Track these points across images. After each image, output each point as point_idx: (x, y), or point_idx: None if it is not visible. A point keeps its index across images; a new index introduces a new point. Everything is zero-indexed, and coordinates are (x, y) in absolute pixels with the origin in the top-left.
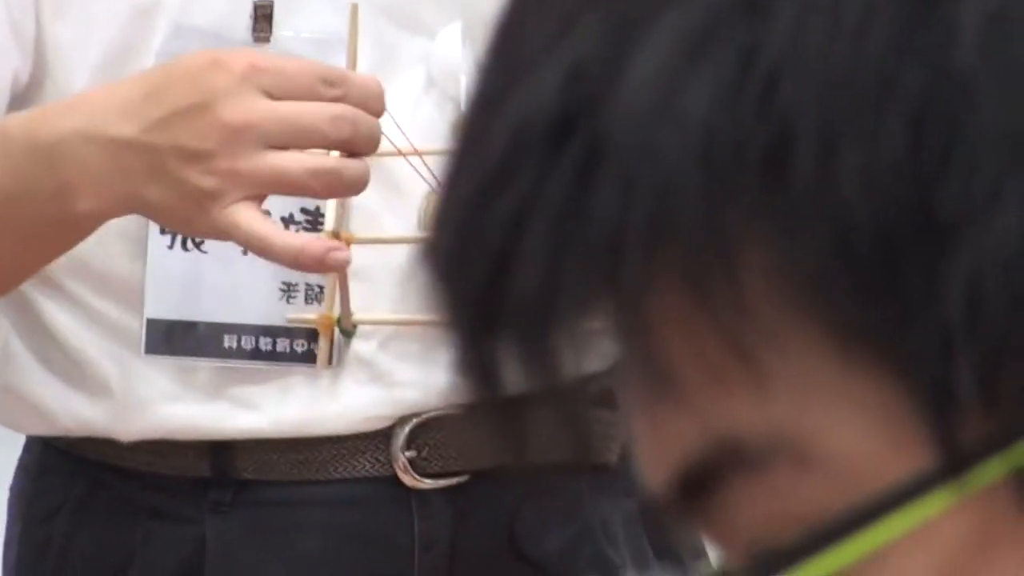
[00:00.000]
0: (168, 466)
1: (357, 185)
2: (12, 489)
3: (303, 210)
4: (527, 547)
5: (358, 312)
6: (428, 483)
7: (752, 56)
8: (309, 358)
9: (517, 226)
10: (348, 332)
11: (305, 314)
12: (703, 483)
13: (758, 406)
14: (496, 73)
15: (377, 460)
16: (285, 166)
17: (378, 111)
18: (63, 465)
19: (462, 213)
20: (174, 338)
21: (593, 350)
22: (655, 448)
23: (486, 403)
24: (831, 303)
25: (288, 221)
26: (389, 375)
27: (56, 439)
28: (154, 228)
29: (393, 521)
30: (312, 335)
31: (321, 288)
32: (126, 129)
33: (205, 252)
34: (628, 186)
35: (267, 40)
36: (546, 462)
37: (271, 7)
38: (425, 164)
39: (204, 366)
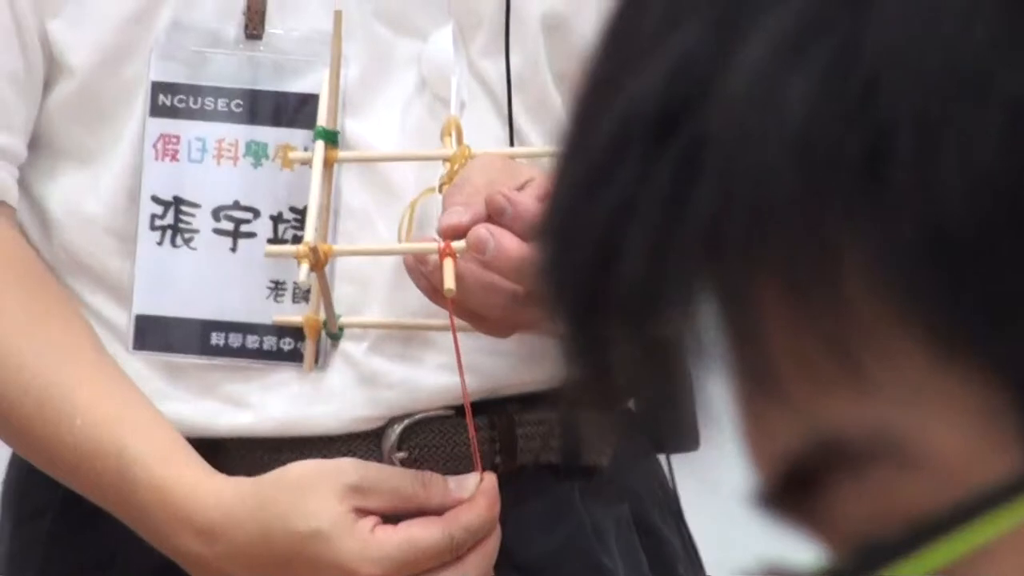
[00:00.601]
0: None
1: None
2: (4, 485)
3: (292, 209)
4: (517, 551)
5: (348, 314)
6: None
7: (853, 51)
8: (296, 356)
9: (622, 215)
10: (335, 335)
11: (291, 316)
12: (806, 480)
13: (859, 405)
14: (606, 63)
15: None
16: None
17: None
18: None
19: (570, 200)
20: (161, 334)
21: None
22: (759, 444)
23: (591, 386)
24: (929, 302)
25: (277, 219)
26: (379, 376)
27: None
28: (144, 224)
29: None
30: (299, 333)
31: (307, 291)
32: None
33: (194, 249)
34: (728, 179)
35: (259, 37)
36: (537, 463)
37: (264, 5)
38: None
39: (192, 363)
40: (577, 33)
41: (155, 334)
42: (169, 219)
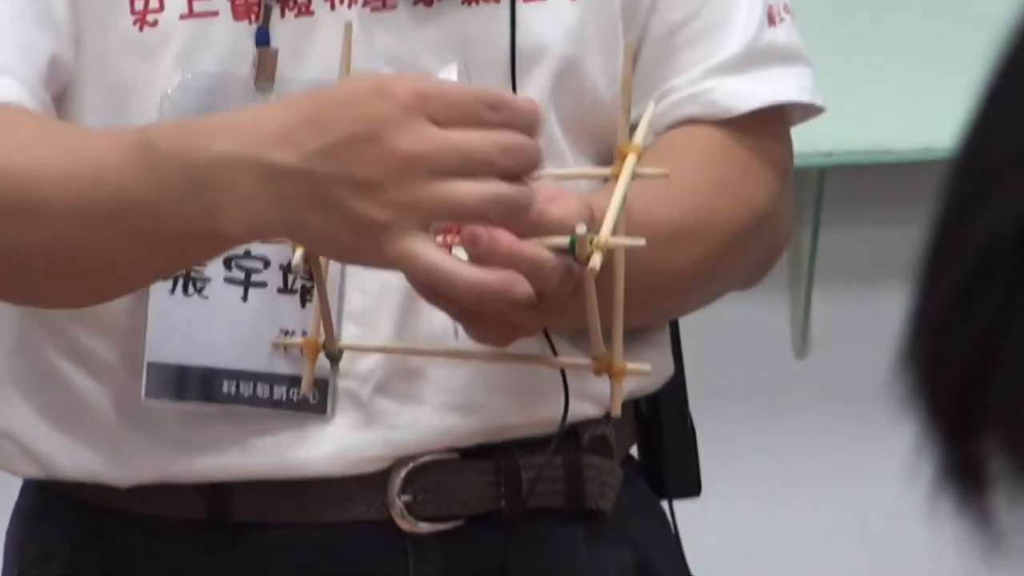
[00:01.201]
0: (165, 509)
1: (528, 211)
2: (8, 532)
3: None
4: None
5: (354, 356)
6: (424, 527)
7: None
8: (307, 406)
9: (995, 332)
10: (334, 356)
11: (291, 339)
12: None
13: None
14: (967, 180)
15: (373, 504)
16: (462, 196)
17: (537, 133)
18: (59, 509)
19: (939, 320)
20: (174, 383)
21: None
22: None
23: (969, 503)
24: None
25: (287, 269)
26: (384, 417)
27: (51, 483)
28: None
29: (388, 565)
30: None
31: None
32: (286, 157)
33: (206, 298)
34: None
35: (271, 86)
36: (542, 507)
37: (275, 62)
38: None
39: (201, 411)
40: (586, 80)
41: (168, 383)
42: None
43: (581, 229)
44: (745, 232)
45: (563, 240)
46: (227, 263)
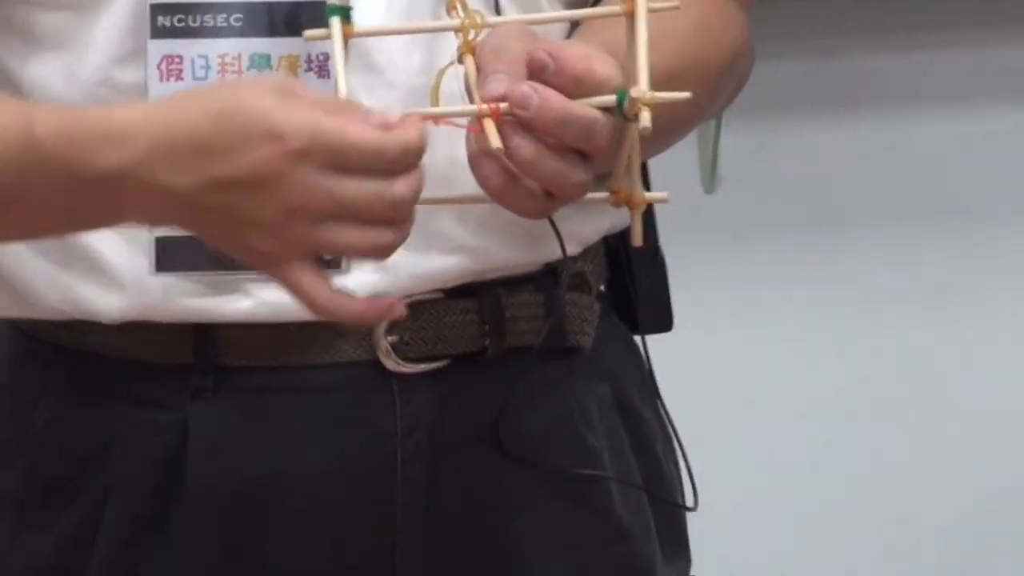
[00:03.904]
0: (149, 352)
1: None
2: None
3: None
4: (508, 432)
5: None
6: (410, 367)
7: None
8: (322, 263)
9: None
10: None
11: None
12: None
13: None
14: None
15: (359, 344)
16: (340, 243)
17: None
18: (39, 353)
19: None
20: (184, 255)
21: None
22: None
23: None
24: None
25: None
26: (369, 261)
27: (31, 326)
28: None
29: (375, 405)
30: None
31: None
32: (178, 181)
33: None
34: None
35: None
36: (523, 345)
37: None
38: None
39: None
40: None
41: (177, 254)
42: None
43: (634, 91)
44: (723, 73)
45: (610, 99)
46: None
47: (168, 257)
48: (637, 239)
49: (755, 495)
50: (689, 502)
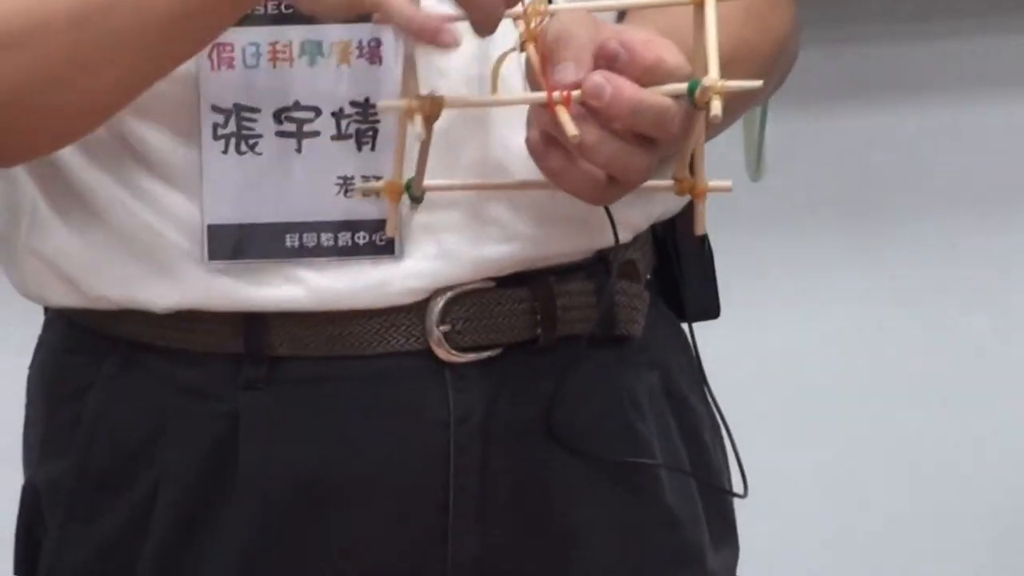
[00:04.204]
0: (200, 342)
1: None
2: (32, 369)
3: (352, 103)
4: (560, 420)
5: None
6: (462, 357)
7: None
8: (371, 250)
9: None
10: (417, 198)
11: (372, 183)
12: None
13: None
14: None
15: (411, 334)
16: None
17: None
18: (91, 343)
19: None
20: (236, 243)
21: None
22: None
23: None
24: None
25: (339, 115)
26: (422, 249)
27: (83, 316)
28: (207, 135)
29: (427, 395)
30: (374, 226)
31: (378, 179)
32: None
33: (259, 154)
34: None
35: None
36: (575, 333)
37: None
38: None
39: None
40: None
41: (229, 242)
42: (232, 127)
43: (706, 80)
44: (771, 60)
45: (681, 87)
46: (277, 116)
47: (220, 245)
48: (701, 227)
49: (800, 482)
50: (737, 489)
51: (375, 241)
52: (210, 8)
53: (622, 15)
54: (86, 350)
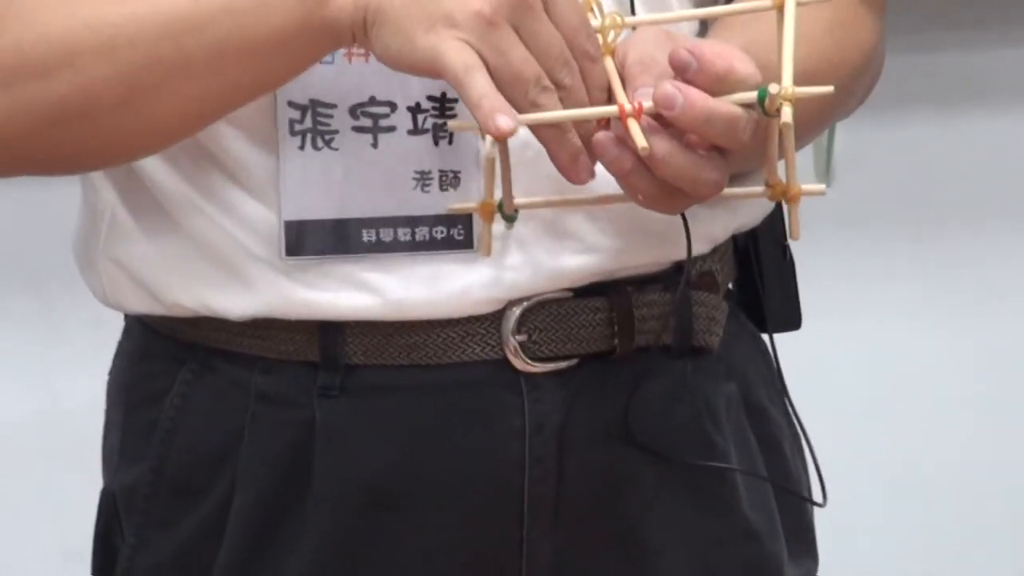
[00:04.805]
0: (277, 350)
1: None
2: (112, 374)
3: (429, 97)
4: (637, 429)
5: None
6: (538, 367)
7: None
8: (449, 244)
9: None
10: (510, 217)
11: (466, 203)
12: None
13: None
14: None
15: (488, 344)
16: (515, 54)
17: (597, 102)
18: (168, 350)
19: None
20: (313, 238)
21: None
22: None
23: None
24: None
25: (415, 110)
26: (499, 259)
27: (160, 323)
28: (284, 130)
29: (504, 404)
30: (451, 220)
31: (455, 174)
32: None
33: (336, 150)
34: None
35: None
36: (653, 344)
37: None
38: None
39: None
40: None
41: (306, 238)
42: (308, 123)
43: (773, 87)
44: (857, 73)
45: (751, 95)
46: (353, 112)
47: (296, 241)
48: (796, 233)
49: (882, 493)
50: (817, 499)
51: (453, 236)
52: (304, 41)
53: (703, 31)
54: (163, 357)
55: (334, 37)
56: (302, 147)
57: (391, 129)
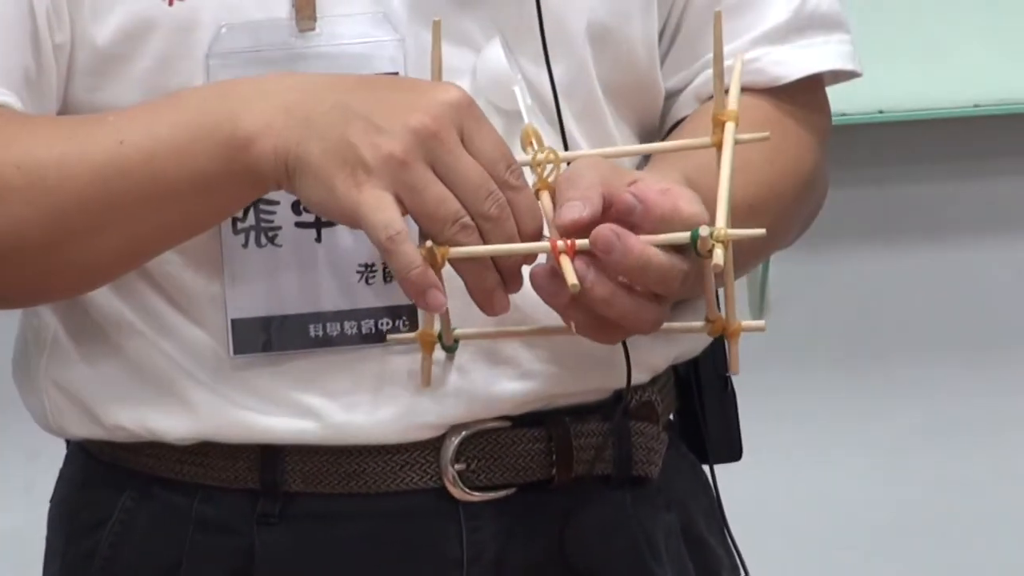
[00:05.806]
0: (217, 477)
1: (478, 261)
2: (53, 502)
3: None
4: (574, 559)
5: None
6: (477, 496)
7: None
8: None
9: None
10: (450, 348)
11: (405, 334)
12: None
13: None
14: None
15: (427, 472)
16: (433, 193)
17: (529, 232)
18: (109, 477)
19: None
20: (260, 336)
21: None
22: None
23: None
24: None
25: None
26: (437, 384)
27: (102, 449)
28: (227, 229)
29: (441, 533)
30: (396, 312)
31: None
32: (327, 96)
33: (279, 246)
34: None
35: (312, 29)
36: (591, 474)
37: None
38: None
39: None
40: (624, 44)
41: (255, 336)
42: (251, 220)
43: (704, 230)
44: (796, 202)
45: (683, 236)
46: (295, 207)
47: (244, 339)
48: (735, 367)
49: None
50: None
51: (399, 327)
52: (228, 185)
53: (646, 158)
54: (104, 484)
55: (257, 182)
56: (245, 245)
57: (333, 224)
